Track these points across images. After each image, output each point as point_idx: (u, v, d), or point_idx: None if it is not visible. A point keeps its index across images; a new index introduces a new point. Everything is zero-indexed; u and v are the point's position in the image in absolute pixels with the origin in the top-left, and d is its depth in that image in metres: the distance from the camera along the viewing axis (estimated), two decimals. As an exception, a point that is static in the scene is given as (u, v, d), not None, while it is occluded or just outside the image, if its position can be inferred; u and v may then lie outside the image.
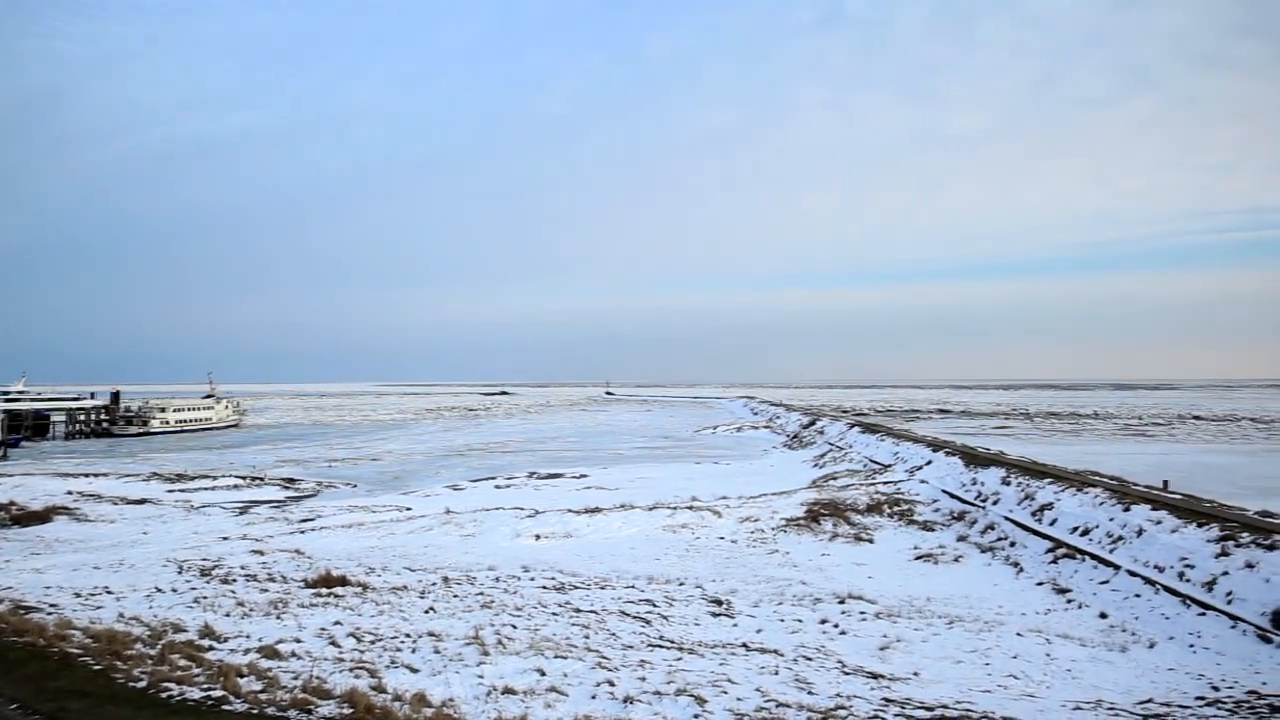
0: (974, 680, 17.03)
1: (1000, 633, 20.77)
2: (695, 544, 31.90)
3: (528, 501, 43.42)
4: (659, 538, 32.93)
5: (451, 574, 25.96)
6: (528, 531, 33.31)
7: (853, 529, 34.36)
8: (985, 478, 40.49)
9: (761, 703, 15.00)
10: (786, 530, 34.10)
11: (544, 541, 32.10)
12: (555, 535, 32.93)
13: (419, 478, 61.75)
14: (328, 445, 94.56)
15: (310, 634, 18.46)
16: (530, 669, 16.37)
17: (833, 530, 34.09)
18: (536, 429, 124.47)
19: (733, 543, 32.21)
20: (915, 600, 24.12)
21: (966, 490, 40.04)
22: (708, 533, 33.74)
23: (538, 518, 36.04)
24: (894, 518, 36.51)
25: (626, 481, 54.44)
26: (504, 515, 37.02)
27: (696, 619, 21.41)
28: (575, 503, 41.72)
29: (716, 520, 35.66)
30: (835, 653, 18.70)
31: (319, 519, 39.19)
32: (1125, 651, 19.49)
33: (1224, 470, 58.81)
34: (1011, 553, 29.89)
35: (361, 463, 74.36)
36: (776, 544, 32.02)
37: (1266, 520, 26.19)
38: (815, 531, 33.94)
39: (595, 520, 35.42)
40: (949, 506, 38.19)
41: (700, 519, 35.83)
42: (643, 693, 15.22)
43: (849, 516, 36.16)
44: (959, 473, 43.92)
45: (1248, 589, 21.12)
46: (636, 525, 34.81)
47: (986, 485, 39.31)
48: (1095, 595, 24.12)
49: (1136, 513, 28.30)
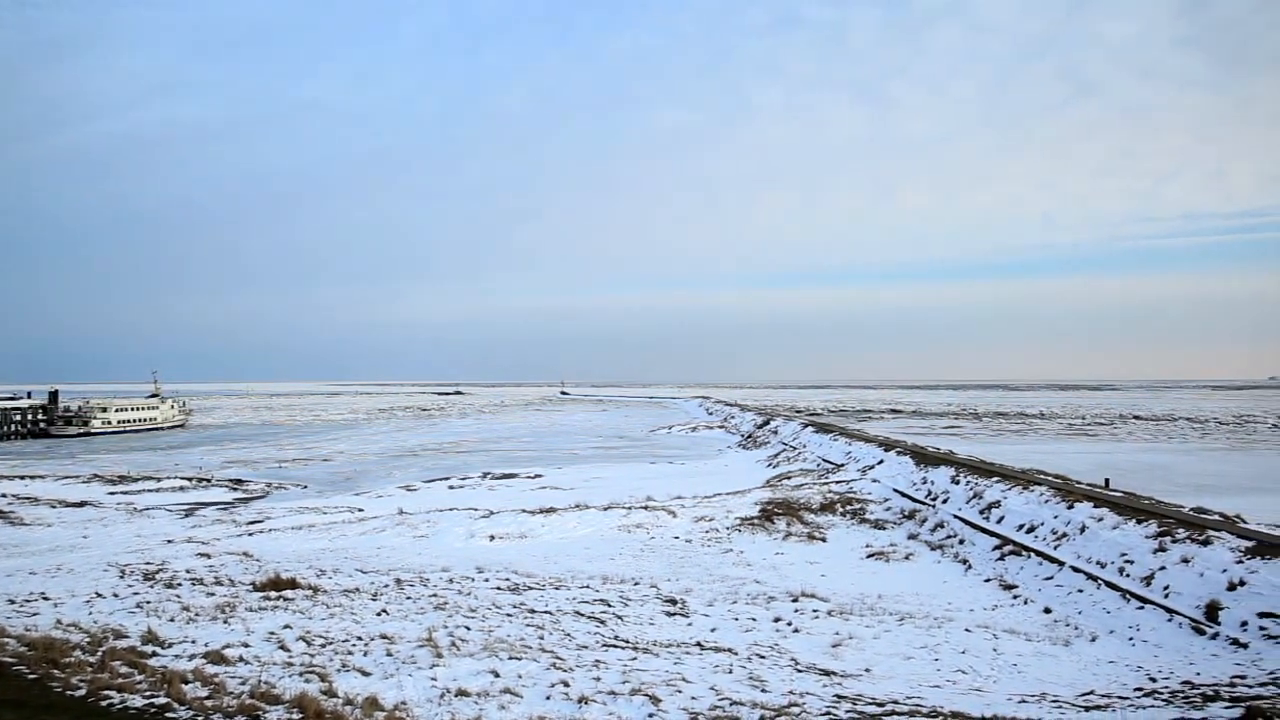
0: (924, 676, 17.33)
1: (949, 629, 21.16)
2: (650, 544, 31.95)
3: (482, 502, 43.11)
4: (614, 538, 32.92)
5: (404, 575, 25.65)
6: (482, 532, 33.06)
7: (806, 528, 34.72)
8: (935, 477, 41.23)
9: (716, 701, 15.08)
10: (741, 530, 34.33)
11: (499, 542, 31.89)
12: (510, 536, 32.74)
13: (371, 478, 60.92)
14: (278, 446, 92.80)
15: (259, 638, 18.10)
16: (484, 670, 16.25)
17: (786, 529, 34.41)
18: (491, 429, 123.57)
19: (687, 542, 32.33)
20: (867, 598, 24.45)
21: (917, 489, 40.73)
22: (663, 532, 33.82)
23: (492, 518, 35.80)
24: (847, 516, 36.98)
25: (582, 481, 54.36)
26: (458, 516, 36.70)
27: (651, 618, 21.45)
28: (530, 503, 41.53)
29: (671, 520, 35.77)
30: (789, 651, 18.88)
31: (268, 521, 38.45)
32: (1068, 645, 19.99)
33: (1162, 468, 60.66)
34: (960, 550, 30.47)
35: (312, 463, 73.11)
36: (731, 543, 32.22)
37: (1201, 516, 27.09)
38: (769, 531, 34.23)
39: (550, 520, 35.29)
40: (900, 505, 38.80)
41: (655, 519, 35.91)
42: (597, 693, 15.21)
43: (802, 516, 36.53)
44: (910, 472, 44.66)
45: (1183, 583, 21.84)
46: (592, 525, 34.76)
47: (936, 484, 40.03)
48: (1040, 591, 24.71)
49: (1079, 510, 29.06)
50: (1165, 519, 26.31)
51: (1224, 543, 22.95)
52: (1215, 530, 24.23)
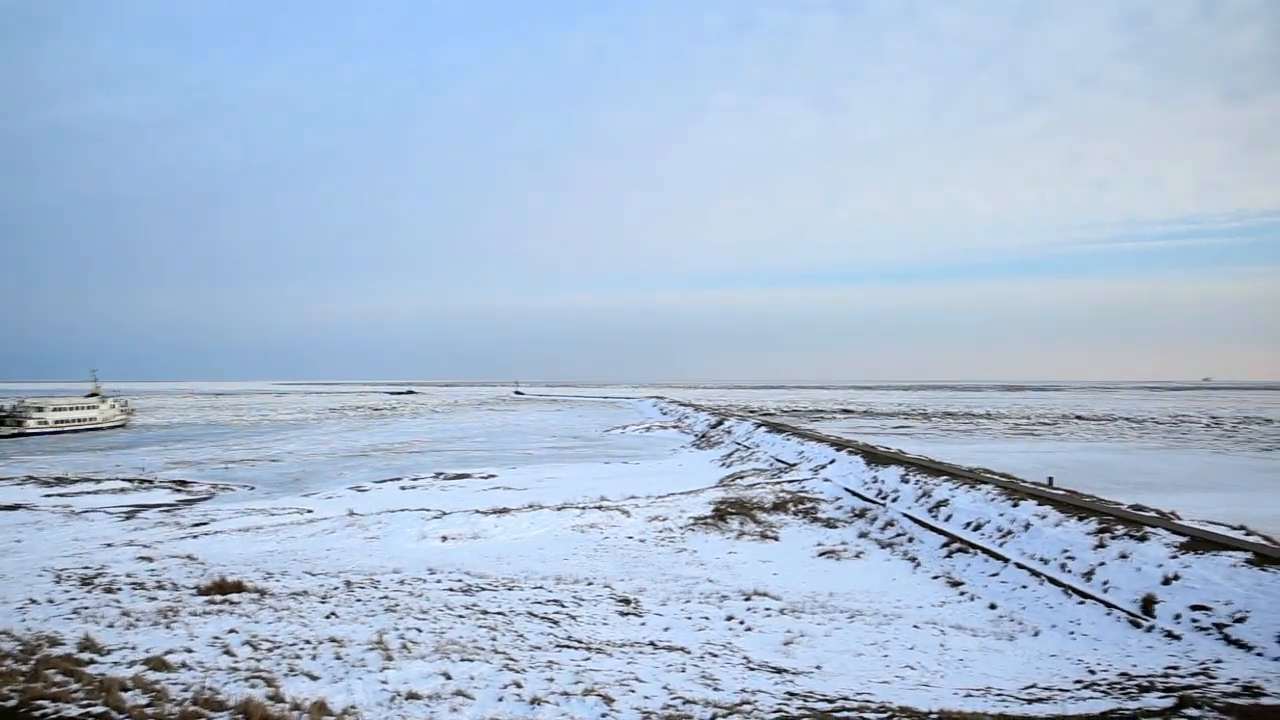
0: (873, 672, 17.58)
1: (898, 625, 21.50)
2: (604, 544, 31.93)
3: (434, 503, 42.66)
4: (568, 538, 32.83)
5: (354, 577, 25.28)
6: (434, 533, 32.72)
7: (759, 527, 35.00)
8: (885, 476, 41.87)
9: (669, 700, 15.12)
10: (694, 529, 34.48)
11: (451, 543, 31.60)
12: (462, 536, 32.45)
13: (321, 479, 59.88)
14: (224, 446, 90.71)
15: (203, 643, 17.68)
16: (436, 673, 16.08)
17: (740, 529, 34.64)
18: (444, 429, 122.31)
19: (641, 542, 32.37)
20: (819, 596, 24.74)
21: (868, 488, 41.32)
22: (616, 532, 33.82)
23: (444, 519, 35.44)
24: (799, 515, 37.36)
25: (535, 482, 54.10)
26: (410, 517, 36.27)
27: (605, 618, 21.43)
28: (483, 503, 41.21)
29: (625, 520, 35.78)
30: (741, 649, 19.01)
31: (213, 523, 37.58)
32: (1013, 640, 20.45)
33: (1102, 467, 62.37)
34: (910, 548, 30.98)
35: (260, 464, 71.62)
36: (685, 543, 32.34)
37: (1138, 514, 27.94)
38: (722, 530, 34.43)
39: (503, 521, 35.06)
40: (851, 504, 39.32)
41: (609, 519, 35.90)
42: (550, 693, 15.15)
43: (755, 515, 36.82)
44: (861, 471, 45.29)
45: (1121, 578, 22.51)
46: (545, 525, 34.61)
47: (887, 483, 40.65)
48: (986, 587, 25.24)
49: (1024, 508, 29.77)
50: (1105, 516, 27.08)
51: (1160, 539, 23.71)
52: (1152, 527, 25.02)
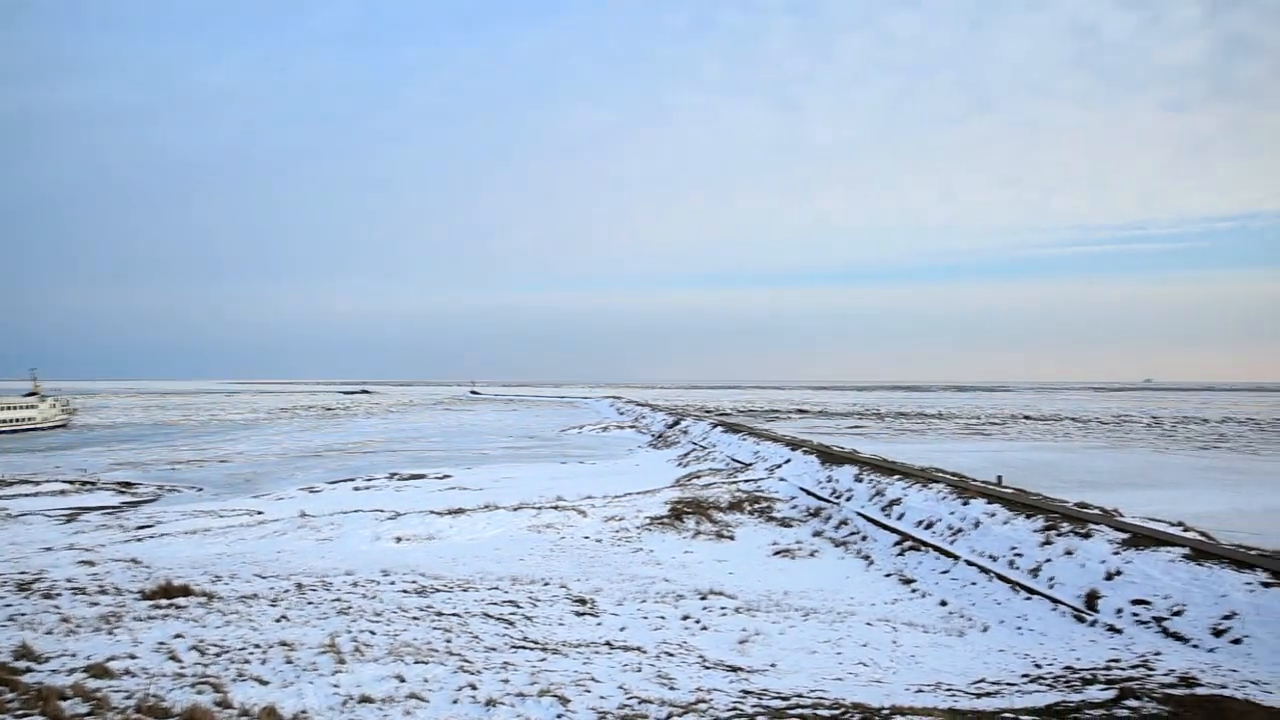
0: (827, 669, 17.79)
1: (852, 623, 21.79)
2: (560, 544, 31.84)
3: (389, 503, 42.15)
4: (524, 538, 32.68)
5: (306, 580, 24.86)
6: (388, 534, 32.33)
7: (715, 526, 35.18)
8: (840, 475, 42.37)
9: (624, 700, 15.13)
10: (651, 529, 34.55)
11: (405, 544, 31.25)
12: (417, 537, 32.12)
13: (272, 480, 58.79)
14: (171, 447, 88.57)
15: (147, 649, 17.23)
16: (389, 675, 15.88)
17: (696, 528, 34.79)
18: (399, 429, 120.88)
19: (597, 542, 32.35)
20: (774, 594, 24.95)
21: (822, 487, 41.78)
22: (573, 532, 33.75)
23: (399, 520, 35.04)
24: (754, 515, 37.64)
25: (491, 482, 53.74)
26: (363, 518, 35.79)
27: (561, 619, 21.37)
28: (438, 504, 40.82)
29: (581, 520, 35.73)
30: (697, 648, 19.10)
31: (159, 525, 36.68)
32: (963, 636, 20.85)
33: (1049, 465, 63.86)
34: (863, 546, 31.41)
35: (209, 465, 70.09)
36: (641, 542, 32.39)
37: (1083, 511, 28.68)
38: (679, 529, 34.55)
39: (459, 521, 34.77)
40: (806, 503, 39.73)
41: (565, 519, 35.80)
42: (505, 695, 15.06)
43: (711, 514, 37.01)
44: (815, 470, 45.78)
45: (1067, 574, 23.09)
46: (501, 526, 34.41)
47: (841, 482, 41.15)
48: (937, 584, 25.69)
49: (974, 506, 30.36)
50: (1051, 514, 27.74)
51: (1103, 535, 24.37)
52: (1096, 524, 25.69)
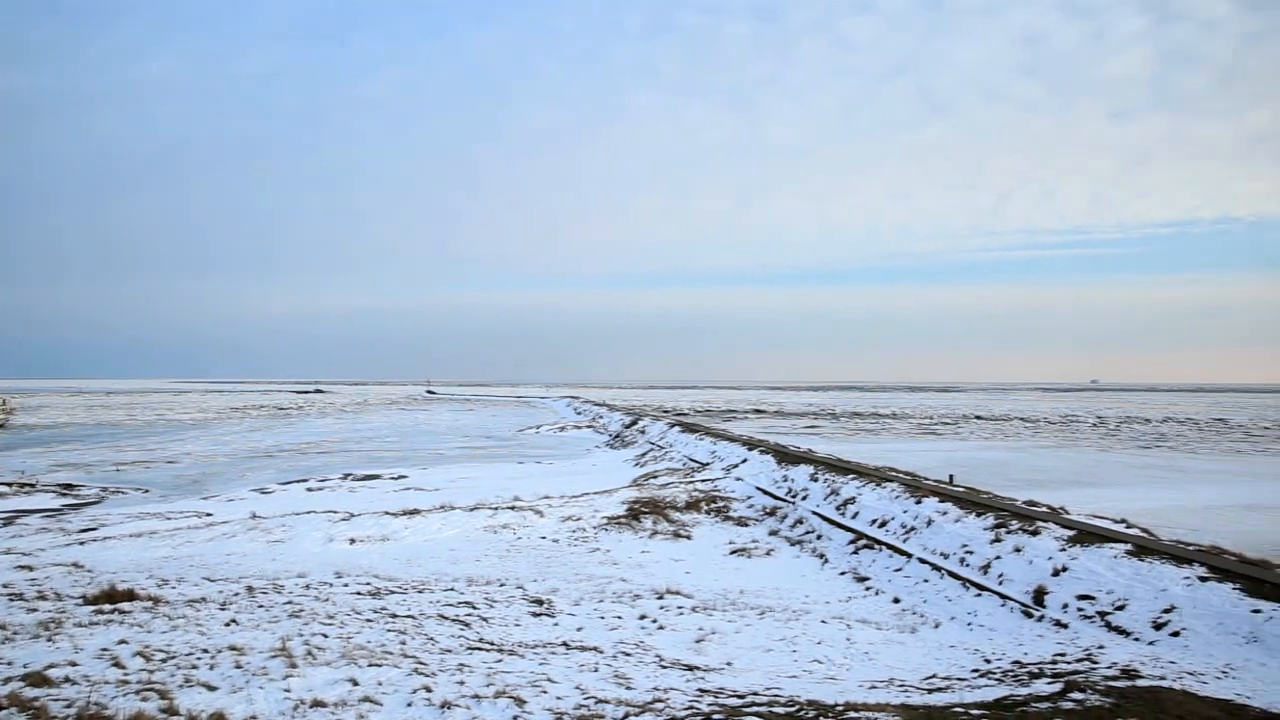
0: (782, 667, 17.97)
1: (807, 621, 22.03)
2: (517, 544, 31.69)
3: (342, 504, 41.54)
4: (480, 539, 32.46)
5: (257, 583, 24.40)
6: (342, 535, 31.88)
7: (672, 526, 35.30)
8: (795, 474, 42.79)
9: (581, 700, 15.12)
10: (608, 528, 34.55)
11: (359, 545, 30.85)
12: (371, 539, 31.72)
13: (222, 481, 57.57)
14: (115, 447, 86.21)
15: (89, 655, 16.77)
16: (342, 679, 15.67)
17: (653, 528, 34.88)
18: (353, 428, 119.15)
19: (554, 542, 32.26)
20: (730, 593, 25.11)
21: (778, 486, 42.15)
22: (530, 532, 33.62)
23: (353, 521, 34.57)
24: (711, 514, 37.85)
25: (447, 482, 53.25)
26: (316, 519, 35.23)
27: (517, 620, 21.28)
28: (393, 504, 40.35)
29: (539, 520, 35.60)
30: (653, 647, 19.15)
31: (103, 528, 35.70)
32: (915, 632, 21.21)
33: (1000, 464, 65.18)
34: (818, 545, 31.76)
35: (155, 466, 68.40)
36: (598, 542, 32.38)
37: (1031, 509, 29.35)
38: (636, 529, 34.60)
39: (414, 522, 34.42)
40: (762, 502, 40.05)
41: (522, 519, 35.65)
42: (461, 697, 14.95)
43: (668, 514, 37.13)
44: (771, 470, 46.17)
45: (1015, 571, 23.60)
46: (457, 526, 34.14)
47: (796, 482, 41.55)
48: (890, 582, 26.09)
49: (926, 505, 30.88)
50: (1001, 512, 28.34)
51: (1050, 532, 24.97)
52: (1044, 521, 26.31)
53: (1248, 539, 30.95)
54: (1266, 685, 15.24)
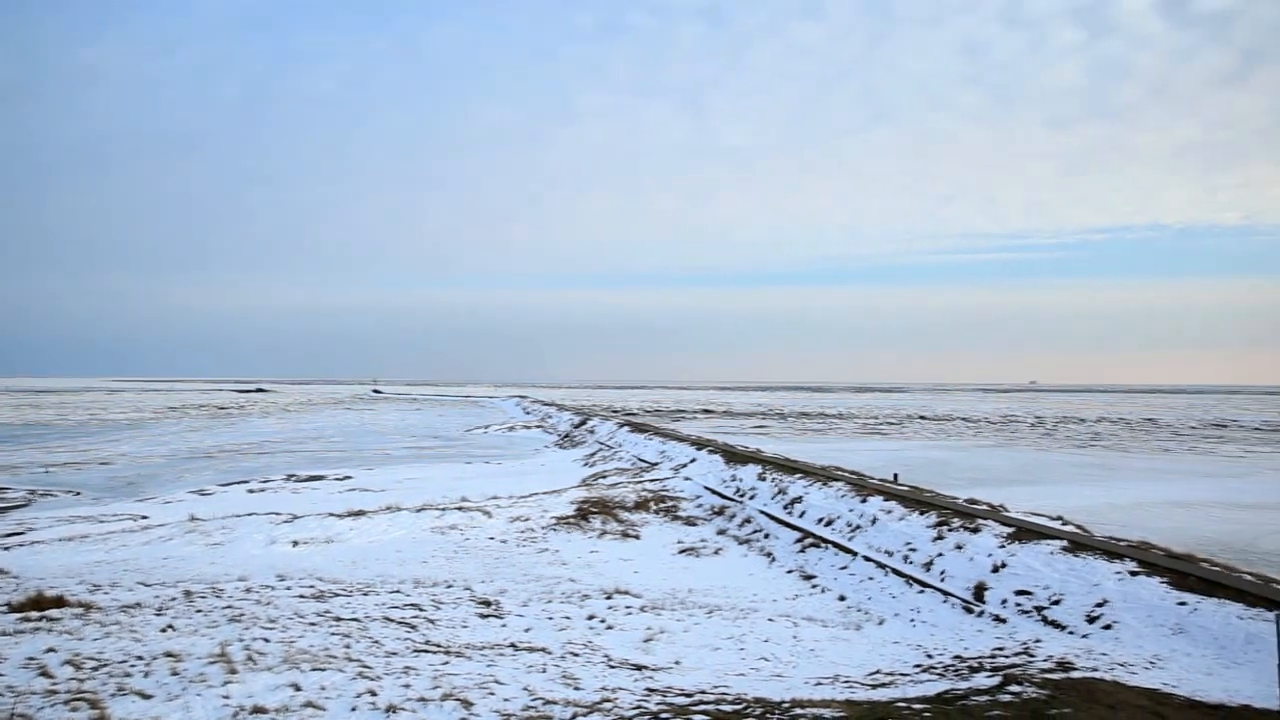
0: (730, 665, 18.10)
1: (754, 619, 22.22)
2: (465, 545, 31.41)
3: (285, 506, 40.68)
4: (427, 539, 32.10)
5: (195, 587, 23.77)
6: (284, 537, 31.23)
7: (621, 526, 35.33)
8: (744, 474, 43.14)
9: (529, 701, 15.05)
10: (557, 529, 34.43)
11: (303, 547, 30.26)
12: (315, 540, 31.14)
13: (158, 483, 55.94)
14: (45, 448, 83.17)
15: (14, 665, 16.17)
16: (284, 684, 15.35)
17: (602, 528, 34.86)
18: (297, 428, 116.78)
19: (503, 543, 32.05)
20: (678, 592, 25.22)
21: (727, 486, 42.45)
22: (478, 533, 33.34)
23: (296, 522, 33.88)
24: (660, 514, 37.96)
25: (394, 482, 52.53)
26: (258, 521, 34.45)
27: (465, 621, 21.09)
28: (338, 506, 39.65)
29: (487, 520, 35.32)
30: (602, 647, 19.14)
31: (30, 533, 34.44)
32: (860, 629, 21.55)
33: (942, 463, 66.58)
34: (765, 544, 32.07)
35: (88, 467, 66.18)
36: (547, 542, 32.25)
37: (972, 507, 30.02)
38: (585, 529, 34.55)
39: (359, 523, 33.88)
40: (710, 502, 40.29)
41: (470, 519, 35.33)
42: (407, 700, 14.76)
43: (617, 514, 37.14)
44: (720, 470, 46.48)
45: (957, 567, 24.14)
46: (404, 527, 33.70)
47: (745, 481, 41.89)
48: (836, 580, 26.46)
49: (872, 503, 31.39)
50: (943, 510, 28.94)
51: (990, 530, 25.59)
52: (984, 519, 26.95)
53: (1175, 534, 32.15)
54: (1190, 674, 15.85)
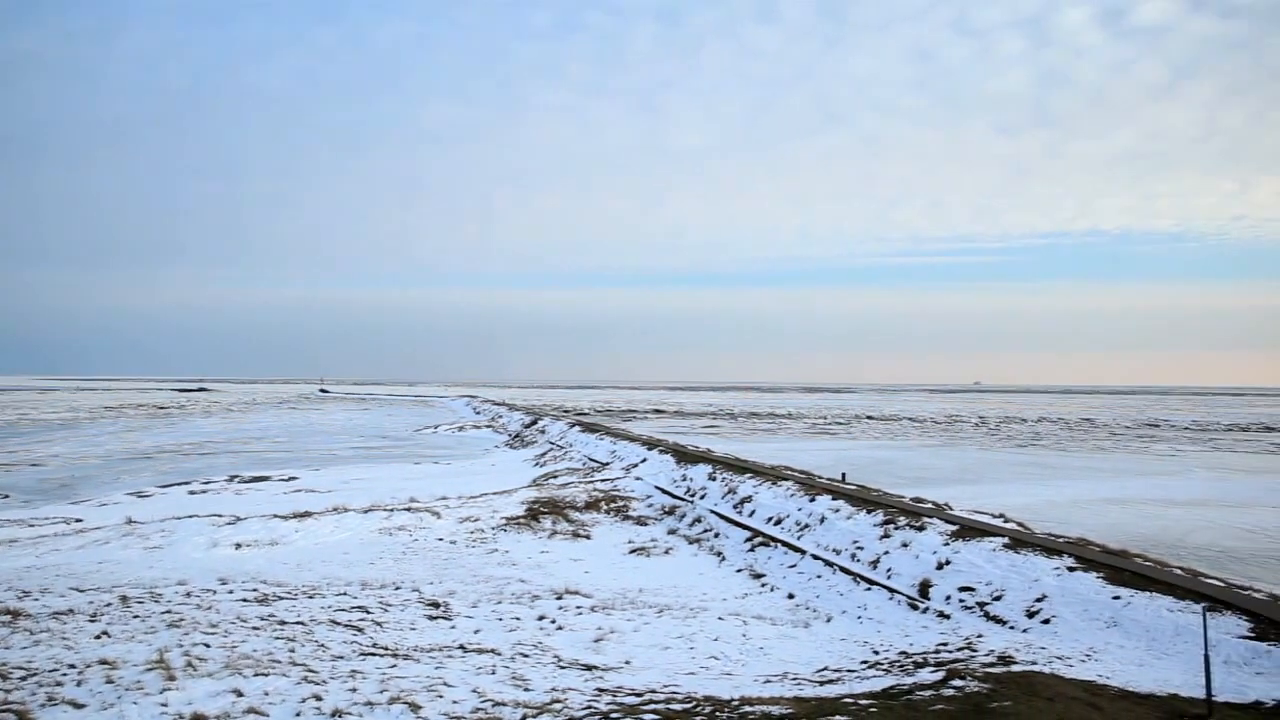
0: (680, 664, 18.18)
1: (704, 618, 22.34)
2: (413, 546, 31.02)
3: (228, 507, 39.72)
4: (375, 541, 31.63)
5: (132, 592, 23.07)
6: (227, 540, 30.49)
7: (571, 526, 35.23)
8: (694, 474, 43.36)
9: (478, 703, 14.93)
10: (506, 529, 34.21)
11: (246, 550, 29.58)
12: (259, 543, 30.46)
13: (94, 485, 54.20)
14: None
15: (-60, 673, 15.54)
16: (225, 690, 15.00)
17: (552, 528, 34.72)
18: (241, 428, 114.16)
19: (452, 543, 31.73)
20: (629, 592, 25.24)
21: (677, 486, 42.62)
22: (426, 534, 32.96)
23: (239, 525, 33.09)
24: (611, 514, 37.95)
25: (341, 483, 51.66)
26: (199, 523, 33.57)
27: (413, 623, 20.84)
28: (283, 507, 38.85)
29: (436, 521, 34.94)
30: (552, 648, 19.07)
31: (-44, 536, 33.07)
32: (808, 627, 21.80)
33: (889, 463, 67.73)
34: (715, 543, 32.27)
35: (18, 469, 63.83)
36: (496, 543, 32.02)
37: (918, 506, 30.62)
38: (535, 529, 34.38)
39: (305, 525, 33.23)
40: (661, 502, 40.40)
41: (419, 520, 34.91)
42: (353, 704, 14.54)
43: (568, 514, 37.03)
44: (671, 469, 46.65)
45: (903, 565, 24.56)
46: (351, 529, 33.16)
47: (695, 481, 42.10)
48: (785, 578, 26.73)
49: (820, 502, 31.79)
50: (890, 509, 29.43)
51: (935, 528, 26.10)
52: (929, 518, 27.48)
53: (1111, 531, 33.17)
54: (1124, 666, 16.38)
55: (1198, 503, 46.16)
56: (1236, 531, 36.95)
